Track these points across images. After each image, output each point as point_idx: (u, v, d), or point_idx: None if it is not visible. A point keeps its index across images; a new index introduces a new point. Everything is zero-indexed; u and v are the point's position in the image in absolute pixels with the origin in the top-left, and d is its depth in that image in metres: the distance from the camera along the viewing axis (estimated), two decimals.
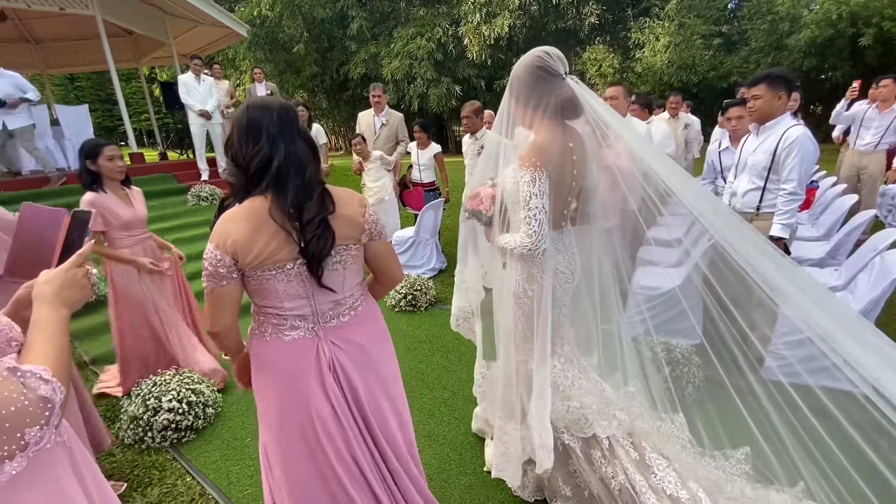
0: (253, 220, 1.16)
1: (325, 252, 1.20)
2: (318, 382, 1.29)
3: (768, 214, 2.58)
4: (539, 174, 1.49)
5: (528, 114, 1.61)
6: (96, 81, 23.02)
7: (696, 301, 2.24)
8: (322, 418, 1.29)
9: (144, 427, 2.29)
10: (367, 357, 1.37)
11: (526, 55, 1.59)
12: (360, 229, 1.29)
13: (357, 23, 14.52)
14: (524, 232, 1.53)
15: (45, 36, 9.02)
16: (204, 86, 6.36)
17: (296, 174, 1.17)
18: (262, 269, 1.20)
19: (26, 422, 0.68)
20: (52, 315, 0.81)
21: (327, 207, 1.21)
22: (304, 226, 1.17)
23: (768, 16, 13.00)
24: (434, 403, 2.59)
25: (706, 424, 1.91)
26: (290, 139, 1.19)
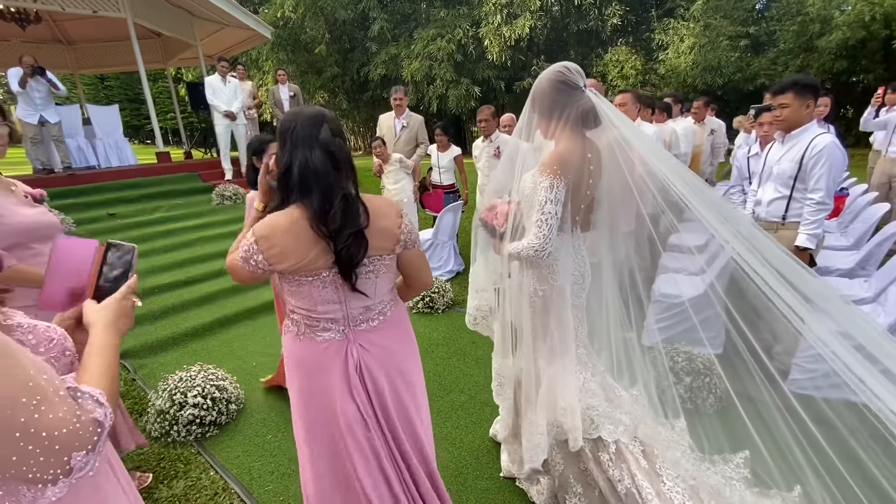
0: (294, 230, 1.20)
1: (356, 262, 1.23)
2: (344, 383, 1.33)
3: (794, 224, 2.53)
4: (558, 181, 1.57)
5: (550, 124, 1.69)
6: (125, 81, 23.72)
7: (718, 310, 2.21)
8: (347, 418, 1.33)
9: (171, 421, 2.36)
10: (393, 360, 1.40)
11: (546, 70, 1.68)
12: (396, 240, 1.32)
13: (378, 24, 14.63)
14: (534, 234, 1.61)
15: (77, 37, 9.34)
16: (229, 87, 6.51)
17: (315, 183, 1.19)
18: (299, 275, 1.25)
19: (75, 445, 0.66)
20: (110, 340, 0.85)
21: (356, 218, 1.22)
22: (335, 237, 1.20)
23: (798, 17, 12.62)
24: (451, 407, 2.60)
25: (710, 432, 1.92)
26: (309, 147, 1.20)
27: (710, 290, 2.40)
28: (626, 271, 1.87)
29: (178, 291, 4.16)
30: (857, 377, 1.32)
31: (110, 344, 0.84)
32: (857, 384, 1.32)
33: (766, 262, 1.53)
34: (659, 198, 1.66)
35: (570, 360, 1.80)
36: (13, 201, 1.66)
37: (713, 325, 2.27)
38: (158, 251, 4.88)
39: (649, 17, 15.09)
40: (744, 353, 1.71)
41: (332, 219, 1.19)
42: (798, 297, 1.47)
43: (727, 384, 2.37)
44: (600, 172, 1.69)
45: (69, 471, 0.66)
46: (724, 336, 1.90)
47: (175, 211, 5.91)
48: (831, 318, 1.48)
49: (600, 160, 1.69)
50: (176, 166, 7.43)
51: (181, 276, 4.39)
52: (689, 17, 13.51)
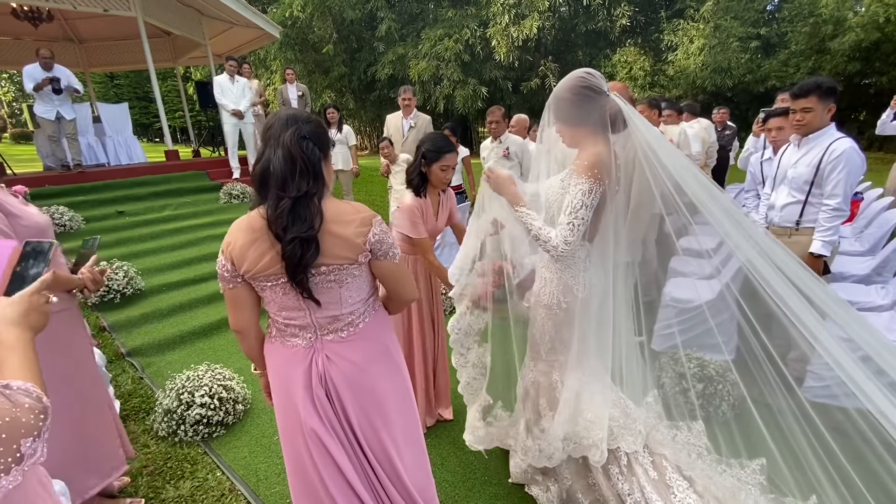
0: (252, 231, 1.18)
1: (299, 267, 1.15)
2: (306, 394, 1.28)
3: (808, 230, 2.49)
4: (596, 186, 1.51)
5: (573, 132, 1.63)
6: (134, 80, 23.93)
7: (730, 315, 2.18)
8: (309, 429, 1.27)
9: (178, 421, 2.36)
10: (362, 378, 1.32)
11: (568, 77, 1.61)
12: (358, 250, 1.23)
13: (386, 24, 14.64)
14: (562, 236, 1.54)
15: (88, 36, 9.40)
16: (237, 86, 6.53)
17: (273, 184, 1.15)
18: (258, 279, 1.22)
19: (21, 433, 0.69)
20: (23, 336, 0.85)
21: (305, 223, 1.14)
22: (280, 240, 1.15)
23: (810, 18, 12.49)
24: (459, 410, 2.57)
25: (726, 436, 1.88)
26: (274, 147, 1.16)
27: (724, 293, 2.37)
28: (636, 276, 1.84)
29: (186, 290, 4.17)
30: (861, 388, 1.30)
31: (21, 339, 0.84)
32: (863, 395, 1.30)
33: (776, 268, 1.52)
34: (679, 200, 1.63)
35: (593, 372, 1.77)
36: (19, 200, 1.64)
37: (725, 330, 2.23)
38: (166, 249, 4.89)
39: (658, 17, 14.98)
40: (759, 358, 1.68)
41: (278, 220, 1.14)
42: (807, 305, 1.46)
43: (743, 390, 2.35)
44: (621, 176, 1.65)
45: (20, 458, 0.69)
46: (737, 341, 1.87)
47: (183, 209, 5.93)
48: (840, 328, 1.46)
49: (621, 163, 1.64)
50: (184, 164, 7.46)
51: (189, 273, 4.40)
52: (698, 17, 13.40)
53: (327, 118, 5.81)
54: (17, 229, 1.51)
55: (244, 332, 1.32)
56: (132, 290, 3.86)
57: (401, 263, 1.36)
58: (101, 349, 3.09)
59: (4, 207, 1.49)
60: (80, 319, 1.87)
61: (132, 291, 3.86)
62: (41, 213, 1.67)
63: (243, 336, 1.34)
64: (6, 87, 32.20)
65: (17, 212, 1.54)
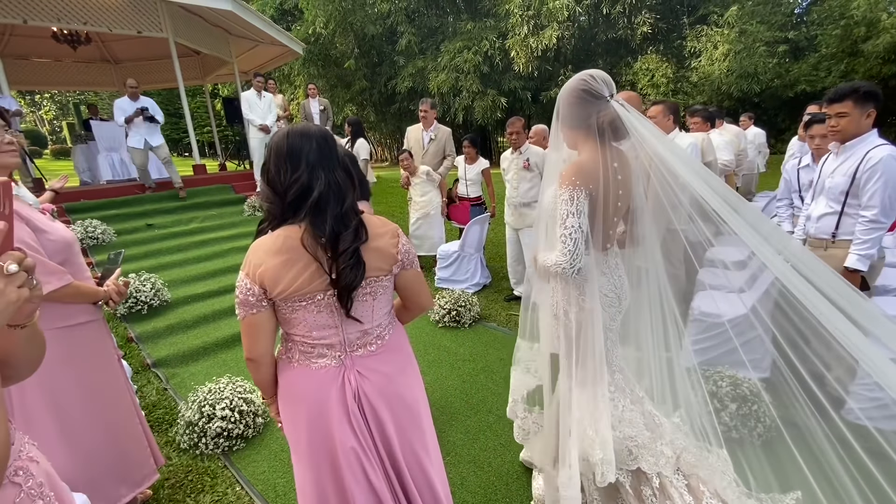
0: (285, 251, 1.16)
1: (355, 283, 1.18)
2: (342, 412, 1.26)
3: (845, 242, 2.36)
4: (578, 193, 1.50)
5: (571, 134, 1.64)
6: (165, 97, 24.86)
7: (763, 331, 2.07)
8: (345, 450, 1.25)
9: (199, 434, 2.37)
10: (394, 387, 1.33)
11: (572, 78, 1.62)
12: (393, 260, 1.27)
13: (406, 38, 14.87)
14: (559, 250, 1.54)
15: (123, 56, 9.86)
16: (264, 102, 6.72)
17: (335, 203, 1.16)
18: (292, 300, 1.19)
19: None
20: None
21: (361, 238, 1.19)
22: (337, 256, 1.15)
23: (841, 20, 12.11)
24: (479, 427, 2.52)
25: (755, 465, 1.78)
26: (330, 168, 1.18)
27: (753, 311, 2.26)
28: (666, 288, 1.77)
29: (210, 301, 4.24)
30: None
31: None
32: None
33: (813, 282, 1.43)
34: (694, 213, 1.58)
35: (603, 387, 1.70)
36: (46, 217, 1.69)
37: (758, 348, 2.13)
38: (192, 261, 5.01)
39: (681, 24, 14.78)
40: (794, 377, 1.58)
41: (343, 239, 1.15)
42: (850, 322, 1.36)
43: (774, 412, 2.23)
44: (630, 183, 1.62)
45: None
46: (771, 359, 1.77)
47: (209, 222, 6.08)
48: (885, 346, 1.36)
49: (629, 170, 1.61)
50: (211, 178, 7.68)
51: (213, 285, 4.48)
52: (723, 23, 13.15)
53: (344, 132, 5.93)
54: (44, 244, 1.56)
55: (260, 361, 1.29)
56: (159, 301, 3.96)
57: (421, 272, 1.40)
58: (127, 360, 3.16)
59: (33, 223, 1.54)
60: (107, 330, 1.91)
61: (159, 303, 3.96)
62: (67, 229, 1.72)
63: (258, 365, 1.30)
64: (48, 106, 34.01)
65: (45, 227, 1.59)
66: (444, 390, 2.90)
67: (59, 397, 1.70)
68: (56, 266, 1.57)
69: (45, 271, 1.53)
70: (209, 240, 5.56)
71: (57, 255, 1.60)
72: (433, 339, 3.62)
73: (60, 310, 1.65)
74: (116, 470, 1.87)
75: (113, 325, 3.74)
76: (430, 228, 5.05)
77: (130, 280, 3.94)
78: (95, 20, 6.46)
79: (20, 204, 1.53)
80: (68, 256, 1.68)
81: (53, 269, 1.56)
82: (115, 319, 3.79)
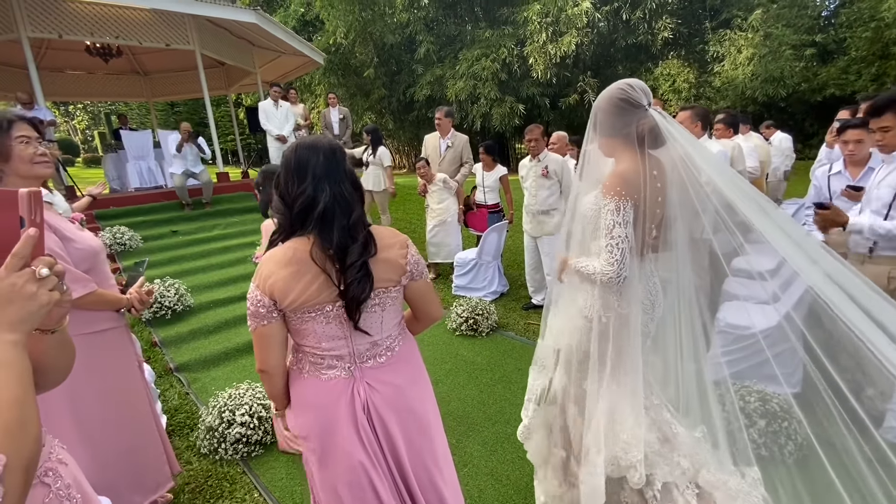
0: (294, 263, 1.17)
1: (364, 296, 1.18)
2: (351, 424, 1.25)
3: (884, 259, 2.24)
4: (624, 203, 1.51)
5: (610, 143, 1.64)
6: (192, 107, 25.65)
7: (794, 344, 1.99)
8: (353, 463, 1.23)
9: (219, 439, 2.40)
10: (404, 400, 1.32)
11: (609, 87, 1.62)
12: (402, 272, 1.27)
13: (424, 47, 15.01)
14: (605, 260, 1.54)
15: (152, 69, 10.21)
16: (281, 111, 6.85)
17: (341, 216, 1.17)
18: (301, 311, 1.20)
19: None
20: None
21: (370, 251, 1.20)
22: (345, 269, 1.15)
23: (871, 22, 11.75)
24: (496, 439, 2.48)
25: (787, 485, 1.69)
26: (336, 180, 1.18)
27: (786, 321, 2.18)
28: (695, 296, 1.73)
29: (232, 307, 4.31)
30: None
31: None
32: None
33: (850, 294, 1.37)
34: (727, 218, 1.55)
35: (630, 390, 1.67)
36: (75, 226, 1.74)
37: (789, 361, 2.04)
38: (215, 267, 5.11)
39: (703, 28, 14.54)
40: (828, 394, 1.51)
41: (351, 252, 1.16)
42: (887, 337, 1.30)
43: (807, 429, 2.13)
44: (667, 190, 1.61)
45: None
46: (802, 373, 1.70)
47: (231, 228, 6.21)
48: None
49: (666, 178, 1.60)
50: (234, 185, 7.85)
51: (235, 291, 4.56)
52: (746, 27, 12.89)
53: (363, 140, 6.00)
54: (71, 252, 1.60)
55: (272, 372, 1.29)
56: (182, 306, 4.04)
57: (430, 283, 1.40)
58: (151, 364, 3.23)
59: (60, 233, 1.59)
60: (128, 336, 1.95)
61: (182, 308, 4.04)
62: (95, 237, 1.77)
63: (270, 376, 1.30)
64: (80, 116, 35.46)
65: (73, 236, 1.63)
66: (461, 400, 2.87)
67: (80, 403, 1.72)
68: (80, 274, 1.62)
69: (70, 279, 1.57)
70: (231, 246, 5.67)
71: (82, 263, 1.65)
72: (450, 348, 3.60)
73: (83, 316, 1.68)
74: (133, 476, 1.89)
75: (138, 329, 3.83)
76: (448, 236, 5.04)
77: (156, 286, 4.04)
78: (127, 34, 6.72)
79: (49, 213, 1.58)
80: (94, 265, 1.71)
81: (78, 276, 1.60)
82: (140, 324, 3.88)
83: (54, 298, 0.67)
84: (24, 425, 0.58)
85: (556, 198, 3.94)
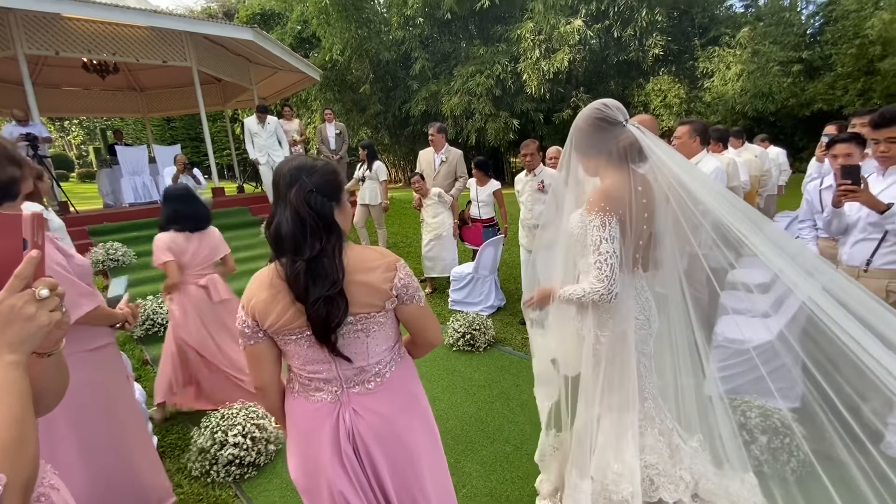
0: (273, 286, 1.15)
1: (335, 322, 1.11)
2: (335, 452, 1.21)
3: (880, 272, 2.24)
4: (609, 218, 1.51)
5: (591, 162, 1.66)
6: (188, 122, 25.79)
7: (792, 360, 1.98)
8: (337, 491, 1.19)
9: (211, 461, 2.34)
10: (392, 431, 1.25)
11: (585, 109, 1.65)
12: (385, 296, 1.19)
13: (420, 63, 15.22)
14: (595, 276, 1.53)
15: (148, 84, 10.27)
16: (268, 128, 6.84)
17: (303, 244, 1.10)
18: (282, 334, 1.17)
19: None
20: None
21: (327, 281, 1.10)
22: (303, 300, 1.11)
23: (856, 39, 12.06)
24: (495, 458, 2.44)
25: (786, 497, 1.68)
26: (283, 205, 1.12)
27: (780, 338, 2.17)
28: (689, 312, 1.72)
29: None
30: None
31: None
32: None
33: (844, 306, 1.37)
34: (714, 235, 1.56)
35: (633, 415, 1.65)
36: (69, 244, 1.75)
37: (786, 376, 2.03)
38: None
39: (692, 45, 14.87)
40: (827, 409, 1.50)
41: (297, 282, 1.10)
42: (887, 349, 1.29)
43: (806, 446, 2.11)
44: (653, 206, 1.62)
45: None
46: (802, 388, 1.69)
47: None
48: None
49: (653, 193, 1.61)
50: (229, 200, 7.83)
51: None
52: (735, 44, 13.19)
53: (359, 155, 6.04)
54: (73, 268, 1.61)
55: (266, 390, 1.28)
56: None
57: (426, 306, 1.32)
58: (142, 383, 3.16)
59: (64, 250, 1.60)
60: (119, 353, 1.95)
61: None
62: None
63: (265, 394, 1.28)
64: (76, 132, 35.51)
65: (72, 253, 1.65)
66: (458, 418, 2.82)
67: (82, 421, 1.71)
68: (88, 288, 1.63)
69: (80, 293, 1.59)
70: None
71: (83, 278, 1.66)
72: (447, 364, 3.56)
73: (86, 333, 1.69)
74: (133, 491, 1.87)
75: (129, 347, 3.76)
76: (443, 250, 5.04)
77: (147, 302, 3.99)
78: (124, 51, 6.76)
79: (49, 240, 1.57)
80: (89, 281, 1.71)
81: (86, 290, 1.61)
82: (132, 342, 3.82)
83: (54, 319, 0.67)
84: (24, 445, 0.58)
85: None
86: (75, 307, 1.57)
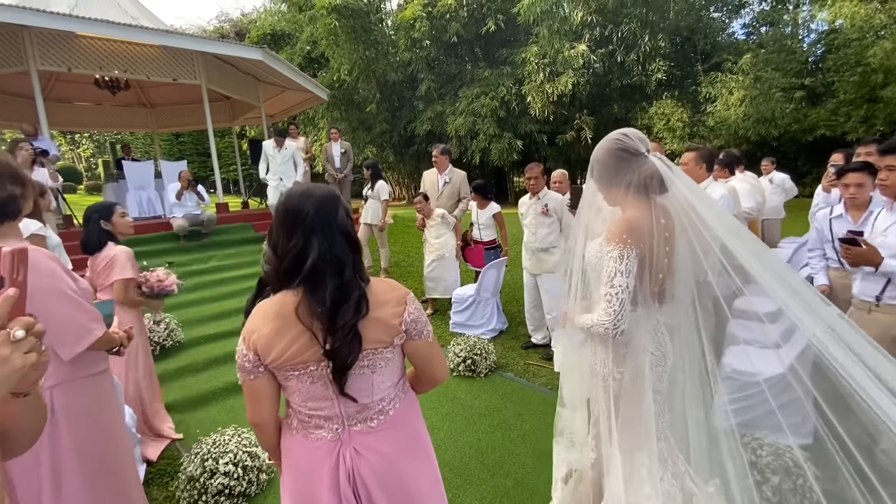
0: (279, 318, 1.10)
1: (352, 360, 1.09)
2: (334, 495, 1.15)
3: (891, 308, 2.18)
4: (628, 251, 1.47)
5: (612, 192, 1.62)
6: (196, 137, 26.14)
7: (803, 393, 1.91)
8: None
9: (200, 490, 2.26)
10: (393, 471, 1.20)
11: (605, 139, 1.62)
12: (395, 332, 1.16)
13: (426, 84, 15.44)
14: (602, 309, 1.49)
15: (158, 101, 10.43)
16: (285, 153, 6.81)
17: (332, 274, 1.08)
18: (284, 369, 1.12)
19: None
20: None
21: (362, 311, 1.10)
22: (334, 330, 1.07)
23: (858, 67, 12.16)
24: (495, 493, 2.34)
25: None
26: (327, 234, 1.09)
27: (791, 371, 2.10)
28: (702, 341, 1.67)
29: (222, 342, 4.19)
30: None
31: None
32: None
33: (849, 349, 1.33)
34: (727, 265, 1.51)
35: (648, 456, 1.57)
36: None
37: (798, 410, 1.95)
38: (208, 300, 5.02)
39: (695, 71, 15.04)
40: (836, 447, 1.43)
41: (342, 313, 1.07)
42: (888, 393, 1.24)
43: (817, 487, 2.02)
44: (674, 238, 1.57)
45: None
46: (814, 423, 1.62)
47: (227, 260, 6.15)
48: None
49: (674, 225, 1.57)
50: (233, 216, 7.85)
51: (227, 326, 4.46)
52: (737, 70, 13.33)
53: (364, 174, 6.06)
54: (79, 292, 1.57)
55: (263, 426, 1.22)
56: (171, 342, 3.93)
57: (434, 342, 1.27)
58: None
59: (70, 273, 1.56)
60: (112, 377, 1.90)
61: (171, 344, 3.93)
62: None
63: (262, 430, 1.24)
64: (86, 145, 36.10)
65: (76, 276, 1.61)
66: (457, 449, 2.73)
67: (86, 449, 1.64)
68: (98, 312, 1.60)
69: (91, 318, 1.56)
70: (226, 279, 5.60)
71: (88, 301, 1.61)
72: (447, 390, 3.47)
73: (90, 357, 1.65)
74: None
75: None
76: (445, 271, 4.99)
77: (146, 319, 3.94)
78: (135, 69, 6.88)
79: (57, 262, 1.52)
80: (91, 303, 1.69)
81: (97, 315, 1.57)
82: None
83: (29, 361, 0.64)
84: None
85: (556, 236, 3.91)
86: (87, 333, 1.54)
